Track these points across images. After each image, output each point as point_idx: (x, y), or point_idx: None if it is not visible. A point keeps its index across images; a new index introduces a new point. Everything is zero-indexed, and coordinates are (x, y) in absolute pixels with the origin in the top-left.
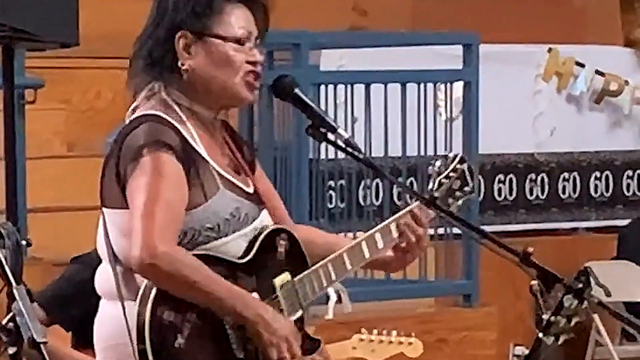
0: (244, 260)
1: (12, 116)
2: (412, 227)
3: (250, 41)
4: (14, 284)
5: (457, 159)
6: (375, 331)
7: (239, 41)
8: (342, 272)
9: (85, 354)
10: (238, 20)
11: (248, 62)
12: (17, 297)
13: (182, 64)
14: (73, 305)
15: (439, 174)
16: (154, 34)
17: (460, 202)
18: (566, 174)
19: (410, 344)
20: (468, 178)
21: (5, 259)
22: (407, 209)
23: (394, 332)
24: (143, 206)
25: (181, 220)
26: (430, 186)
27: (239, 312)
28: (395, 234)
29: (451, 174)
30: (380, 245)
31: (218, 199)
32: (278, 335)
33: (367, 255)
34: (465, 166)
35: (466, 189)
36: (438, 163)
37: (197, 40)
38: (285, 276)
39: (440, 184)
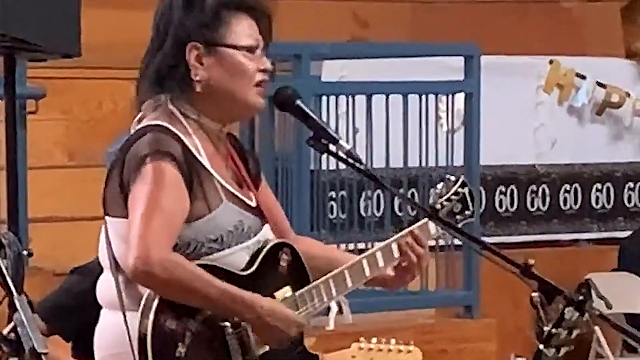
0: (246, 273)
1: (14, 126)
2: (413, 247)
3: (259, 49)
4: (15, 294)
5: (459, 183)
6: (374, 340)
7: (250, 49)
8: (343, 288)
9: None
10: (245, 30)
11: (260, 70)
12: (19, 308)
13: (196, 75)
14: (73, 316)
15: (440, 197)
16: (161, 50)
17: (460, 225)
18: (567, 186)
19: (409, 352)
20: (469, 202)
21: (7, 268)
22: (408, 229)
23: (393, 341)
24: (141, 215)
25: (179, 229)
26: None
27: (237, 313)
28: (396, 254)
29: (452, 197)
30: (381, 263)
31: (221, 211)
32: (274, 329)
33: (367, 273)
34: (466, 190)
35: (467, 212)
36: (440, 186)
37: (208, 51)
38: (287, 290)
39: (442, 206)
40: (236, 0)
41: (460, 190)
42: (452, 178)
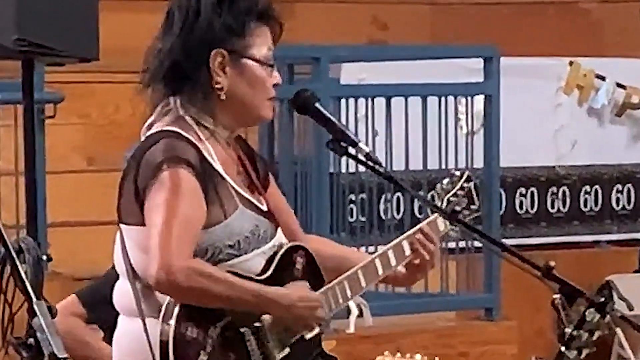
0: (262, 277)
1: (32, 131)
2: (424, 244)
3: (273, 62)
4: (34, 299)
5: (464, 178)
6: (398, 354)
7: (270, 65)
8: (357, 289)
9: None
10: (265, 41)
11: (273, 85)
12: (38, 313)
13: (217, 83)
14: (107, 306)
15: (446, 193)
16: (181, 49)
17: (467, 220)
18: (587, 187)
19: None
20: (474, 196)
21: (25, 273)
22: (417, 227)
23: (418, 356)
24: (160, 223)
25: (198, 236)
26: (438, 204)
27: (265, 310)
28: (408, 252)
29: (458, 192)
30: (393, 262)
31: (237, 217)
32: (300, 317)
33: (380, 272)
34: (471, 185)
35: (472, 207)
36: (445, 181)
37: (232, 60)
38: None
39: (449, 202)
40: (261, 10)
41: (465, 185)
42: (457, 173)
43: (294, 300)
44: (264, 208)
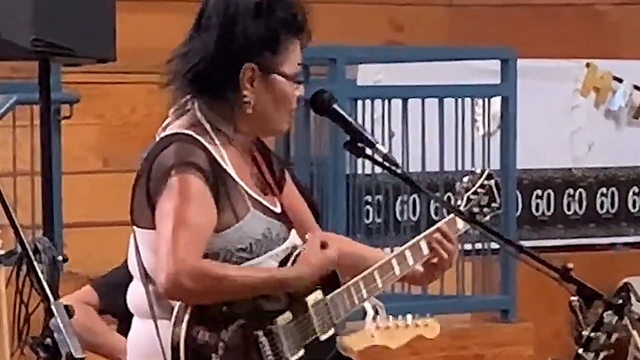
0: None
1: (48, 131)
2: (442, 243)
3: (302, 79)
4: (51, 299)
5: (485, 175)
6: (390, 317)
7: (299, 80)
8: (373, 290)
9: None
10: (296, 57)
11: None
12: (55, 313)
13: (244, 96)
14: (121, 294)
15: (467, 190)
16: (212, 55)
17: (487, 218)
18: (604, 189)
19: (426, 325)
20: (495, 194)
21: (42, 273)
22: (435, 226)
23: (409, 316)
24: (168, 230)
25: (206, 241)
26: (458, 202)
27: (281, 290)
28: (425, 251)
29: (479, 190)
30: (410, 262)
31: (249, 220)
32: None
33: (397, 272)
34: (492, 182)
35: (494, 205)
36: (465, 179)
37: (263, 74)
38: (317, 294)
39: (469, 200)
40: (297, 24)
41: (486, 182)
42: (478, 171)
43: (311, 275)
44: (277, 210)
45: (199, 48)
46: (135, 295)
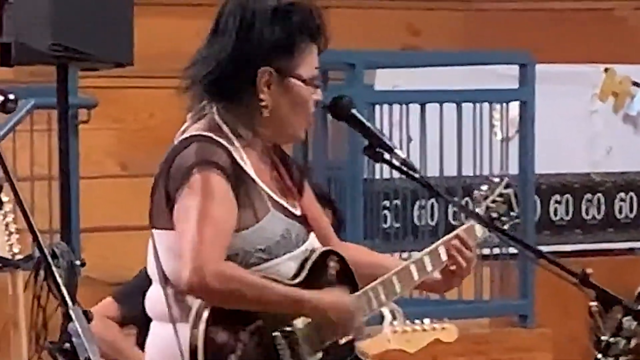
0: (295, 282)
1: (66, 136)
2: (461, 251)
3: (319, 82)
4: (70, 304)
5: (503, 184)
6: (407, 321)
7: (316, 84)
8: (392, 294)
9: None
10: (313, 60)
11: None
12: (74, 317)
13: (262, 100)
14: (142, 302)
15: (485, 199)
16: (230, 60)
17: (506, 227)
18: (622, 194)
19: (443, 329)
20: (513, 203)
21: (60, 278)
22: (454, 232)
23: (427, 320)
24: (191, 227)
25: (229, 239)
26: (477, 210)
27: (298, 312)
28: (444, 257)
29: (497, 199)
30: (429, 268)
31: (268, 221)
32: (337, 323)
33: (416, 278)
34: (510, 191)
35: (512, 213)
36: (484, 187)
37: (280, 78)
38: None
39: (488, 209)
40: (313, 28)
41: (504, 191)
42: (496, 180)
43: (327, 305)
44: (298, 212)
45: (216, 53)
46: (154, 298)
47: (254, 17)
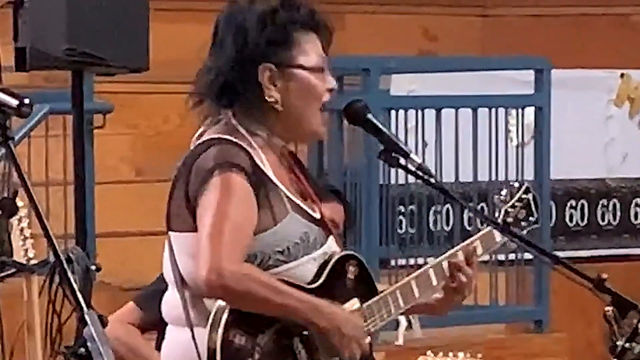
0: (314, 286)
1: (81, 141)
2: (461, 268)
3: (326, 67)
4: (85, 309)
5: (523, 189)
6: (440, 353)
7: (320, 70)
8: (410, 299)
9: None
10: (314, 49)
11: (327, 89)
12: (89, 322)
13: (270, 97)
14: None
15: (505, 203)
16: (231, 68)
17: (525, 232)
18: (638, 200)
19: None
20: (533, 208)
21: (75, 283)
22: (471, 239)
23: (461, 354)
24: (211, 226)
25: (249, 239)
26: (497, 215)
27: (311, 322)
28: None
29: (517, 204)
30: (447, 272)
31: (287, 223)
32: (348, 338)
33: (435, 282)
34: (530, 196)
35: (531, 218)
36: (504, 192)
37: (281, 72)
38: (354, 302)
39: (507, 213)
40: (304, 17)
41: (524, 196)
42: (516, 184)
43: (342, 320)
44: (317, 216)
45: (217, 63)
46: (170, 302)
47: (245, 21)
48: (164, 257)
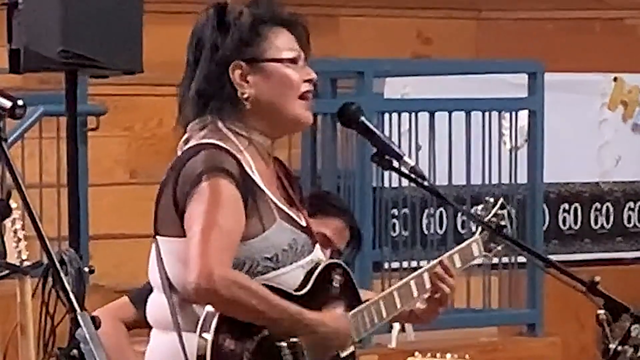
0: (300, 293)
1: (75, 143)
2: (443, 278)
3: (301, 60)
4: (78, 310)
5: (498, 205)
6: (429, 354)
7: (293, 61)
8: (393, 310)
9: None
10: (285, 43)
11: (305, 81)
12: (82, 324)
13: (243, 94)
14: None
15: (481, 218)
16: (202, 72)
17: (500, 247)
18: (631, 203)
19: None
20: (508, 223)
21: (68, 284)
22: (465, 243)
23: (448, 355)
24: (200, 232)
25: (237, 246)
26: (473, 230)
27: (300, 332)
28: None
29: (493, 219)
30: (427, 285)
31: (275, 230)
32: (338, 344)
33: (415, 294)
34: (505, 212)
35: (506, 232)
36: (480, 207)
37: (252, 68)
38: (340, 310)
39: (483, 229)
40: (271, 15)
41: (500, 211)
42: (491, 200)
43: (329, 331)
44: (303, 223)
45: (190, 69)
46: (156, 306)
47: (204, 35)
48: (150, 261)
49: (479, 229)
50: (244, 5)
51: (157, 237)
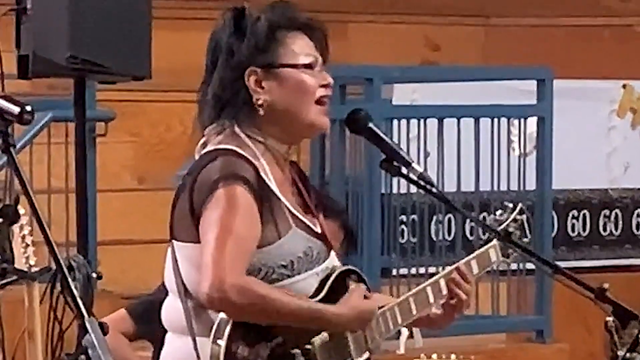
0: (315, 299)
1: (83, 149)
2: (459, 284)
3: (318, 65)
4: (86, 316)
5: (517, 210)
6: (434, 355)
7: (309, 66)
8: (408, 316)
9: None
10: (302, 48)
11: (321, 86)
12: (90, 329)
13: (258, 100)
14: (159, 319)
15: (500, 224)
16: (218, 77)
17: (516, 253)
18: None
19: None
20: (527, 230)
21: (76, 290)
22: (454, 266)
23: (453, 356)
24: (214, 240)
25: (252, 253)
26: (481, 236)
27: (318, 327)
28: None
29: (511, 224)
30: (444, 291)
31: (291, 237)
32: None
33: (432, 300)
34: (524, 217)
35: (524, 239)
36: (498, 213)
37: (267, 73)
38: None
39: (490, 235)
40: (288, 20)
41: (518, 217)
42: (510, 205)
43: (350, 318)
44: (318, 230)
45: (208, 74)
46: (171, 311)
47: (221, 40)
48: (166, 265)
49: (505, 225)
50: (262, 11)
51: (173, 241)
